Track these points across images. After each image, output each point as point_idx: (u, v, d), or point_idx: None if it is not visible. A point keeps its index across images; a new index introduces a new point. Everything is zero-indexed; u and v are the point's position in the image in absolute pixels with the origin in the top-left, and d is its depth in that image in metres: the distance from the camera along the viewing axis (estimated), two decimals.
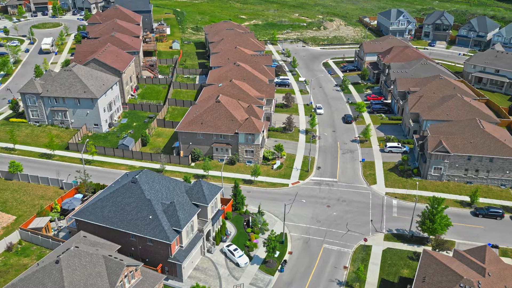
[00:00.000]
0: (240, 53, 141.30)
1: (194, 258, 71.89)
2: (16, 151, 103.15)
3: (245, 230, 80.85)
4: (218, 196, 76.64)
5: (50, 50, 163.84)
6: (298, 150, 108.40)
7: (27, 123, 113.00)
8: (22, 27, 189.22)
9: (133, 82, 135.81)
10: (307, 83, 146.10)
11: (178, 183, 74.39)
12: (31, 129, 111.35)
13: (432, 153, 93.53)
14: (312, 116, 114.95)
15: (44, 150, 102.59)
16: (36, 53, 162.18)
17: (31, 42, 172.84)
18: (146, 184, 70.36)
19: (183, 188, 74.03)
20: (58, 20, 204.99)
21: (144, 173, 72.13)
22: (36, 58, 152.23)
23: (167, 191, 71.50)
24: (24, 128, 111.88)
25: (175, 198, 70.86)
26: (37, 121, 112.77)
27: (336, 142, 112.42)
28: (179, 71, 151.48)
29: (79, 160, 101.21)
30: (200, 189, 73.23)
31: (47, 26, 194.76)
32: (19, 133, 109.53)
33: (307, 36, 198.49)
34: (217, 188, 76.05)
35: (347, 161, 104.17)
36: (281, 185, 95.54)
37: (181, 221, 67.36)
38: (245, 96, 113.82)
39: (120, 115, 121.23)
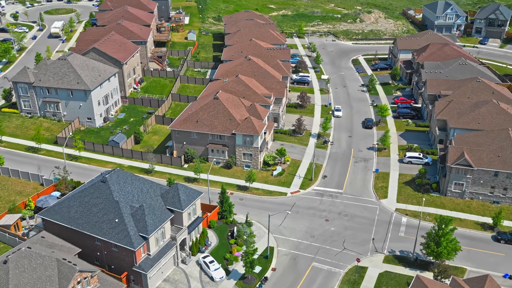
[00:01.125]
0: (255, 46, 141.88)
1: (165, 268, 72.83)
2: (3, 143, 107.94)
3: (228, 241, 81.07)
4: (197, 202, 77.31)
5: (59, 34, 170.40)
6: (305, 156, 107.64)
7: (18, 114, 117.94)
8: (34, 13, 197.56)
9: (137, 75, 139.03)
10: (328, 82, 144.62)
11: (154, 185, 75.62)
12: (22, 121, 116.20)
13: (452, 166, 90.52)
14: (325, 119, 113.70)
15: (32, 144, 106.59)
16: (44, 40, 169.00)
17: (40, 29, 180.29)
18: (116, 184, 71.98)
19: (158, 191, 75.20)
20: (72, 6, 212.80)
21: (116, 173, 73.81)
22: (43, 45, 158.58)
23: (140, 193, 72.84)
24: (15, 119, 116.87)
25: (147, 201, 72.08)
26: (29, 112, 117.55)
27: (350, 149, 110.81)
28: (190, 64, 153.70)
29: (67, 155, 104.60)
30: (176, 194, 74.16)
31: (60, 12, 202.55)
32: (8, 124, 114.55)
33: (339, 29, 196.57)
34: (196, 193, 76.72)
35: (358, 171, 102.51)
36: (278, 193, 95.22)
37: (149, 226, 68.44)
38: (251, 94, 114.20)
39: (118, 109, 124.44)
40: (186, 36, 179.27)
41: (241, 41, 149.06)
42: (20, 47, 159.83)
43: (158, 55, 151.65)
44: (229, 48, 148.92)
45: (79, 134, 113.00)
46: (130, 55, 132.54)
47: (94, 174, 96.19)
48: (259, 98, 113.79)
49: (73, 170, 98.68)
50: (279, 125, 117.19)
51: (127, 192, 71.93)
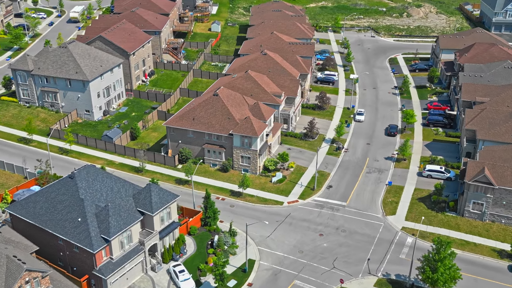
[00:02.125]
0: (276, 40, 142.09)
1: (130, 274, 74.30)
2: None
3: (206, 250, 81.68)
4: (172, 206, 78.39)
5: (78, 19, 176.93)
6: (314, 162, 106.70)
7: (17, 103, 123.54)
8: None
9: (147, 67, 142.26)
10: (355, 82, 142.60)
11: (126, 184, 77.33)
12: (19, 110, 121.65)
13: (470, 183, 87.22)
14: (341, 123, 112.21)
15: (25, 134, 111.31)
16: (61, 27, 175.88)
17: (58, 15, 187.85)
18: (84, 181, 74.18)
19: (130, 191, 76.85)
20: None
21: (86, 169, 76.07)
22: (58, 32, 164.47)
23: (109, 192, 74.72)
24: (12, 108, 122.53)
25: (116, 202, 73.84)
26: (27, 101, 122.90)
27: (366, 158, 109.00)
28: (209, 57, 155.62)
29: (58, 148, 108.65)
30: (147, 195, 75.55)
31: None
32: (5, 113, 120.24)
33: (381, 24, 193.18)
34: (171, 196, 77.81)
35: (369, 182, 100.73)
36: (274, 202, 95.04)
37: (112, 228, 70.08)
38: (260, 92, 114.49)
39: (120, 102, 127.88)
40: (210, 27, 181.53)
41: (263, 34, 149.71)
42: (34, 33, 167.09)
43: (173, 47, 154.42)
44: (249, 41, 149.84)
45: (75, 127, 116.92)
46: (139, 46, 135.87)
47: None
48: (268, 96, 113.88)
49: (60, 164, 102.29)
50: (289, 127, 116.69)
51: (95, 190, 73.94)
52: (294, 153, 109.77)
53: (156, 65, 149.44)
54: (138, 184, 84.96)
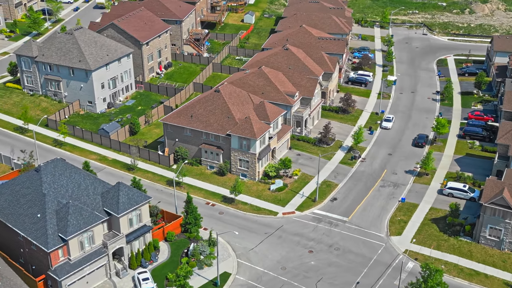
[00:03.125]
0: (304, 34, 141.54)
1: (91, 278, 76.38)
2: None
3: (180, 259, 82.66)
4: (143, 208, 79.90)
5: (104, 5, 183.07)
6: (323, 171, 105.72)
7: (20, 91, 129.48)
8: None
9: (163, 58, 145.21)
10: (389, 84, 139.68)
11: (96, 182, 79.54)
12: (21, 98, 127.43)
13: (486, 205, 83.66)
14: (359, 129, 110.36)
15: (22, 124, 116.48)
16: (86, 13, 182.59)
17: (86, 0, 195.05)
18: (50, 175, 76.97)
19: (100, 189, 79.02)
20: None
21: (53, 162, 78.88)
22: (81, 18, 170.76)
23: (75, 188, 77.14)
24: (15, 95, 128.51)
25: (81, 199, 76.18)
26: (31, 89, 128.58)
27: (383, 170, 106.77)
28: (233, 51, 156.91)
29: (52, 140, 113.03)
30: (115, 195, 77.41)
31: None
32: (6, 101, 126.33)
33: (438, 21, 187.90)
34: (142, 197, 79.34)
35: (380, 197, 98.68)
36: (268, 212, 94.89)
37: (70, 227, 72.35)
38: (271, 90, 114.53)
39: (128, 95, 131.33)
40: (243, 18, 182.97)
41: (293, 27, 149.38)
42: (56, 19, 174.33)
43: (195, 38, 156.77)
44: (276, 35, 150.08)
45: (76, 119, 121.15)
46: (154, 35, 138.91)
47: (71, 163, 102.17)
48: (280, 96, 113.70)
49: (50, 157, 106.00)
50: (302, 131, 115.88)
51: (60, 186, 76.53)
52: (303, 160, 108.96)
53: (175, 57, 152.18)
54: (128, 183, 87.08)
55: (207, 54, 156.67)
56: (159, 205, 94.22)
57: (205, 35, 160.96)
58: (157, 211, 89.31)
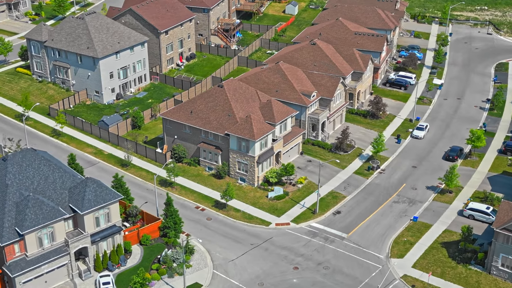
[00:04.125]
0: (339, 28, 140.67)
1: (51, 277, 79.17)
2: None
3: (151, 264, 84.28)
4: (112, 207, 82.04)
5: None
6: (333, 181, 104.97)
7: (30, 76, 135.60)
8: None
9: (186, 49, 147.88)
10: (430, 88, 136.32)
11: (66, 175, 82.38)
12: (29, 84, 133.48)
13: (498, 231, 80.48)
14: (379, 136, 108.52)
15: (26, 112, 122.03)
16: None
17: None
18: (17, 166, 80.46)
19: (69, 183, 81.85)
20: None
21: (22, 152, 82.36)
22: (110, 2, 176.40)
23: (41, 181, 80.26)
24: (23, 81, 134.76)
25: (46, 193, 79.25)
26: (40, 75, 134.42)
27: (401, 184, 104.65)
28: (266, 44, 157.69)
29: (51, 130, 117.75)
30: (82, 191, 79.99)
31: None
32: (13, 86, 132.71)
33: (508, 20, 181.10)
34: (112, 195, 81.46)
35: (389, 214, 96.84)
36: (260, 221, 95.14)
37: (27, 221, 75.39)
38: (286, 88, 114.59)
39: (140, 87, 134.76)
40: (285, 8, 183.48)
41: (331, 19, 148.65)
42: (85, 3, 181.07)
43: (224, 28, 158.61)
44: (310, 28, 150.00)
45: (81, 109, 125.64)
46: (175, 23, 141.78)
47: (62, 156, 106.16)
48: (294, 95, 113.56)
49: (44, 147, 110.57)
50: (318, 135, 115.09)
51: (26, 177, 79.84)
52: (312, 167, 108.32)
53: (200, 48, 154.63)
54: None
55: (236, 46, 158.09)
56: (146, 206, 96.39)
57: (236, 25, 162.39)
58: (137, 211, 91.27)
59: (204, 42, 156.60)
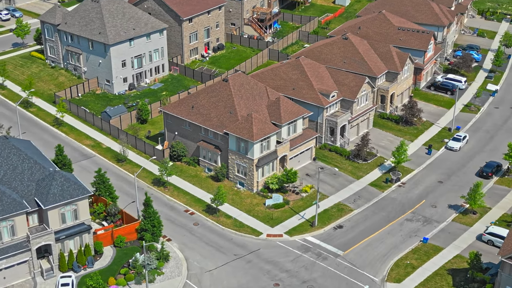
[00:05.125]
0: (382, 22, 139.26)
1: (10, 273, 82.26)
2: (4, 90, 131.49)
3: (120, 268, 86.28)
4: (81, 204, 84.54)
5: None
6: (343, 191, 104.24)
7: (43, 61, 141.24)
8: None
9: (213, 39, 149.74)
10: (478, 95, 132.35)
11: (37, 167, 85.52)
12: (40, 70, 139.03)
13: (504, 260, 77.71)
14: (401, 145, 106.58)
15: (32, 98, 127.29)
16: None
17: None
18: None
19: (38, 175, 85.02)
20: None
21: None
22: None
23: (8, 171, 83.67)
24: (35, 66, 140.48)
25: (12, 184, 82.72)
26: (53, 60, 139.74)
27: (420, 200, 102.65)
28: (304, 37, 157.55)
29: (53, 119, 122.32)
30: (48, 184, 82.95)
31: None
32: (24, 71, 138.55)
33: None
34: (81, 190, 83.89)
35: (398, 233, 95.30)
36: (251, 230, 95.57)
37: None
38: (304, 86, 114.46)
39: (157, 77, 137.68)
40: None
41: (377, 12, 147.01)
42: None
43: (259, 18, 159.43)
44: (352, 21, 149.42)
45: (89, 98, 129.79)
46: (201, 11, 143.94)
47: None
48: (312, 94, 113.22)
49: (42, 137, 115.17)
50: (337, 140, 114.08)
51: None
52: (323, 175, 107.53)
53: (231, 39, 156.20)
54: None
55: (271, 38, 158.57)
56: (132, 206, 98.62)
57: (273, 15, 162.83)
58: (116, 210, 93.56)
59: (236, 33, 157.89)
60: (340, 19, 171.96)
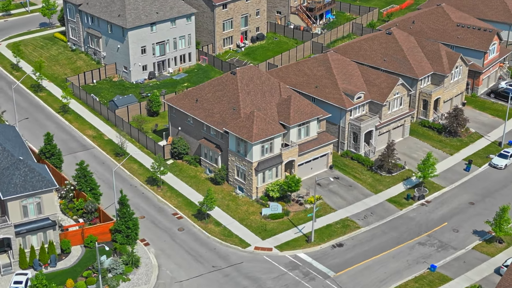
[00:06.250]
0: (439, 16, 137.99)
1: None
2: (18, 72, 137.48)
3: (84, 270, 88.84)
4: (45, 197, 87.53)
5: None
6: (355, 206, 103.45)
7: (64, 43, 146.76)
8: None
9: (252, 27, 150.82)
10: None
11: (5, 154, 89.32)
12: (59, 52, 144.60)
13: None
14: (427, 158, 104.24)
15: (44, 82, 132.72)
16: None
17: None
18: None
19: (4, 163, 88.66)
20: None
21: None
22: None
23: None
24: (56, 48, 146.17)
25: None
26: (74, 43, 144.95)
27: (443, 222, 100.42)
28: (358, 30, 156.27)
29: (60, 106, 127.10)
30: (11, 173, 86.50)
31: None
32: (42, 53, 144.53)
33: None
34: (45, 182, 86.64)
35: (404, 257, 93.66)
36: (238, 241, 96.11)
37: None
38: (328, 83, 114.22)
39: (181, 67, 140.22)
40: None
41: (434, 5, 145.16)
42: None
43: (308, 7, 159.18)
44: (409, 14, 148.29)
45: (104, 85, 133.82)
46: None
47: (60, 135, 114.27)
48: (335, 94, 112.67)
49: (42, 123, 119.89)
50: (360, 148, 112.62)
51: None
52: (336, 186, 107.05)
53: (275, 28, 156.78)
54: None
55: (321, 30, 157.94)
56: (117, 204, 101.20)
57: (326, 4, 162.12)
58: (93, 208, 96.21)
59: (280, 22, 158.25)
60: (406, 11, 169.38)
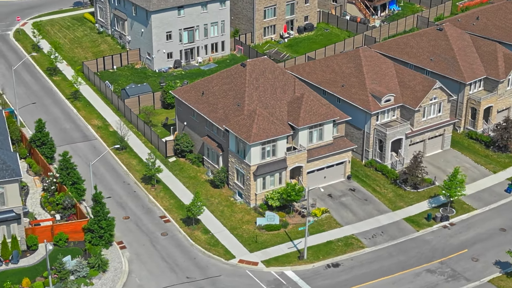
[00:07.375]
0: (506, 12, 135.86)
1: None
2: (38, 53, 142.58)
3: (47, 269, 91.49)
4: (9, 187, 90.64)
5: None
6: (365, 223, 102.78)
7: (92, 25, 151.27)
8: None
9: (299, 16, 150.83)
10: None
11: None
12: (85, 34, 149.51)
13: None
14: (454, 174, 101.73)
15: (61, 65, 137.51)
16: None
17: None
18: None
19: None
20: None
21: None
22: None
23: None
24: (82, 30, 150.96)
25: None
26: (102, 25, 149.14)
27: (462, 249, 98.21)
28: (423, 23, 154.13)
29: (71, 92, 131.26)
30: None
31: None
32: (67, 34, 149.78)
33: None
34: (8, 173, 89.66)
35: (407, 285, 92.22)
36: (223, 252, 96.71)
37: None
38: (356, 83, 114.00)
39: (212, 57, 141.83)
40: None
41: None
42: None
43: None
44: (479, 8, 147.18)
45: (124, 72, 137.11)
46: None
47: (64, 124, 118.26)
48: (361, 95, 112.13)
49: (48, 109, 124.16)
50: (386, 158, 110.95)
51: None
52: (349, 198, 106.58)
53: (327, 19, 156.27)
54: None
55: (380, 22, 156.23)
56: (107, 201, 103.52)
57: None
58: (70, 203, 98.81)
59: (335, 12, 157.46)
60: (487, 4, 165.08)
